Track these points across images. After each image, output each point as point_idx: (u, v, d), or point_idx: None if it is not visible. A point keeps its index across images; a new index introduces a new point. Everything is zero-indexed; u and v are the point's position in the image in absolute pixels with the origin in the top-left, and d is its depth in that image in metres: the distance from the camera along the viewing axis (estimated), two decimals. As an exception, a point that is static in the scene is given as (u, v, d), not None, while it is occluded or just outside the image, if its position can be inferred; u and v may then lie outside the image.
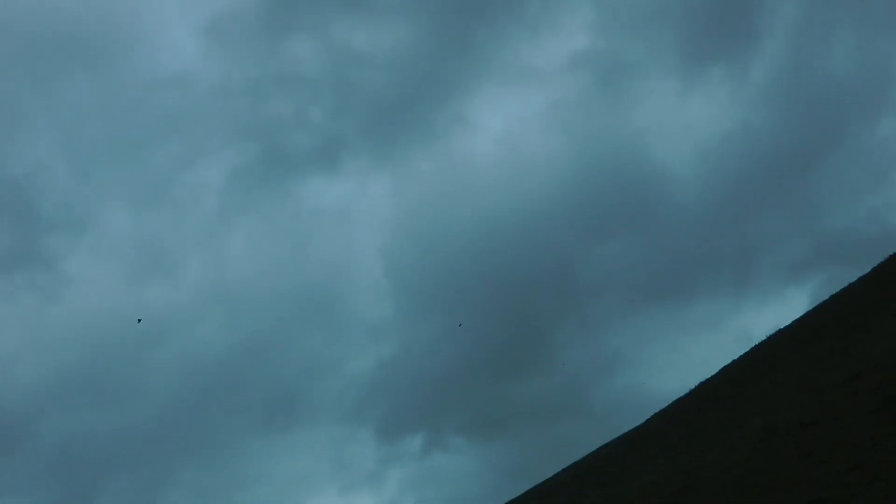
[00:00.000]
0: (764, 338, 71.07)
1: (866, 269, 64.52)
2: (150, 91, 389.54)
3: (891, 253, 63.66)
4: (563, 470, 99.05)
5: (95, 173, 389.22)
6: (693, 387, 78.49)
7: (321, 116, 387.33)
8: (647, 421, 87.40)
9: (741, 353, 73.20)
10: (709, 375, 76.54)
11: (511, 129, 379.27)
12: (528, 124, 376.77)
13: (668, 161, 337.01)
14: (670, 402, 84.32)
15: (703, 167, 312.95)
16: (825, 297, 68.97)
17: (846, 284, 65.38)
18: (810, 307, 70.75)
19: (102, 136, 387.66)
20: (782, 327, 69.60)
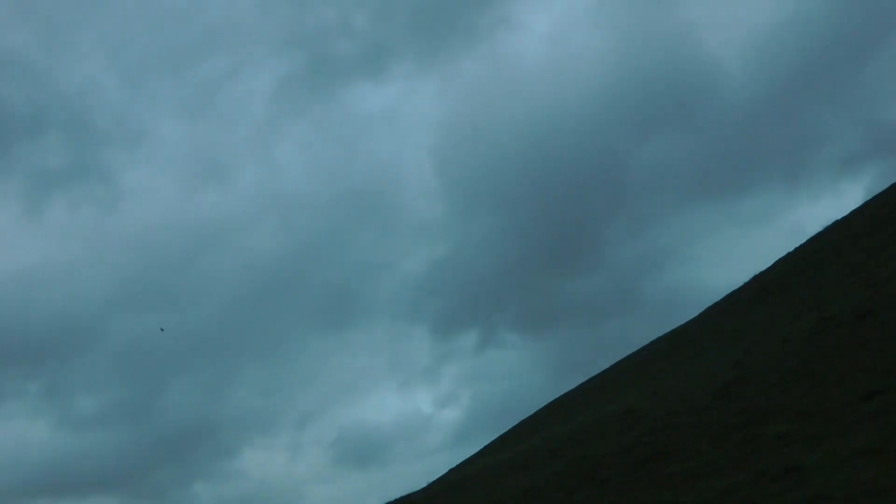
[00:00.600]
0: (818, 231, 70.83)
1: (923, 161, 64.09)
2: (195, 2, 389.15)
3: (948, 144, 63.21)
4: (615, 365, 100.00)
5: (146, 86, 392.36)
6: (746, 280, 78.55)
7: (365, 22, 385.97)
8: (699, 315, 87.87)
9: (795, 247, 73.02)
10: (762, 269, 76.47)
11: (557, 27, 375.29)
12: (574, 21, 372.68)
13: (718, 54, 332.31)
14: (722, 296, 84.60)
15: (754, 59, 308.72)
16: (880, 189, 68.58)
17: (902, 176, 64.88)
18: (865, 200, 70.42)
19: (151, 49, 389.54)
20: (837, 220, 69.32)
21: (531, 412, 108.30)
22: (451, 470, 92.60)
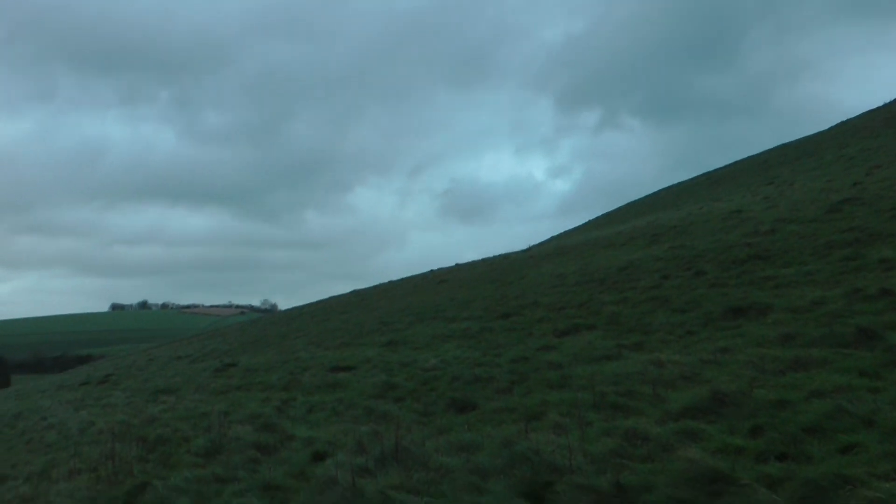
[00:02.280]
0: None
1: None
2: None
3: None
4: (731, 164, 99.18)
5: None
6: (883, 103, 76.85)
7: None
8: (828, 130, 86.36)
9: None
10: (901, 96, 74.53)
11: None
12: None
13: None
14: (855, 115, 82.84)
15: None
16: None
17: None
18: None
19: None
20: None
21: (639, 196, 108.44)
22: (552, 237, 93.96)
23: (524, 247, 65.12)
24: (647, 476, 11.27)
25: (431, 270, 68.29)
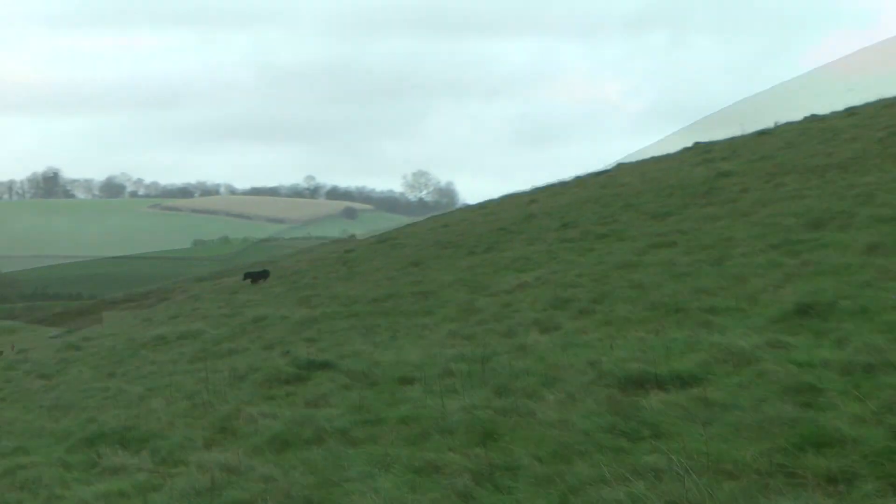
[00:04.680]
0: None
1: None
2: None
3: None
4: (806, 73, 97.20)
5: None
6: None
7: None
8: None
9: None
10: None
11: None
12: None
13: None
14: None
15: None
16: None
17: None
18: None
19: None
20: None
21: (713, 111, 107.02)
22: (634, 152, 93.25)
23: (604, 167, 64.52)
24: (734, 390, 11.36)
25: (523, 191, 67.76)
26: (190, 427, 15.62)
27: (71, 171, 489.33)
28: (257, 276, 45.15)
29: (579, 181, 59.29)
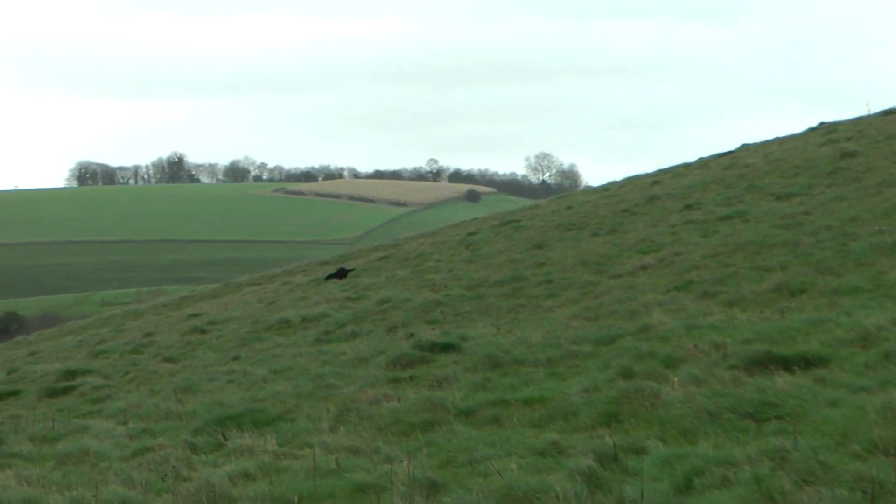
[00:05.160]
0: None
1: None
2: None
3: None
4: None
5: None
6: None
7: None
8: None
9: None
10: None
11: None
12: None
13: None
14: None
15: None
16: None
17: None
18: None
19: None
20: None
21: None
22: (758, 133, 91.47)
23: (728, 148, 63.45)
24: (860, 370, 11.18)
25: (646, 173, 66.89)
26: (314, 409, 15.89)
27: (195, 155, 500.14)
28: (339, 275, 44.63)
29: (702, 162, 58.59)
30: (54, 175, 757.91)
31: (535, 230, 43.64)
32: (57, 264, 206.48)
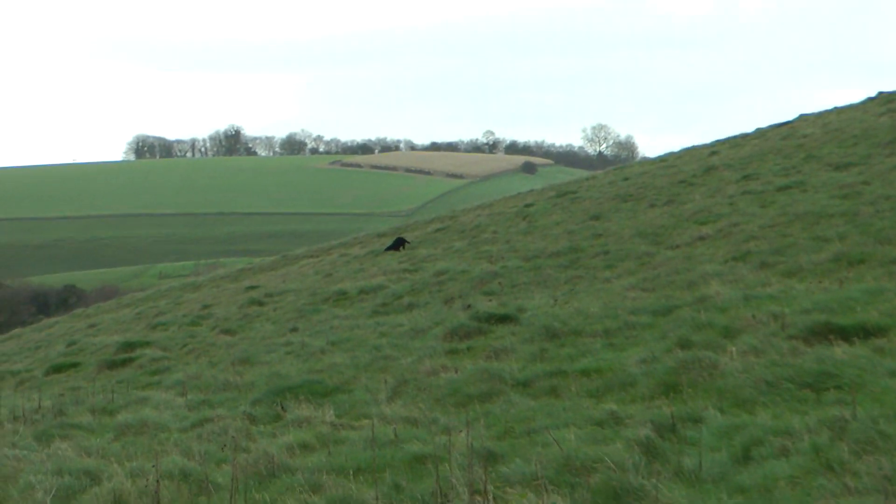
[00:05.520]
0: None
1: None
2: None
3: None
4: None
5: None
6: None
7: None
8: None
9: None
10: None
11: None
12: None
13: None
14: None
15: None
16: None
17: None
18: None
19: None
20: None
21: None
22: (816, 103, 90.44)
23: (786, 118, 62.97)
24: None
25: (703, 144, 66.45)
26: (372, 380, 16.03)
27: (252, 128, 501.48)
28: (396, 245, 44.45)
29: (760, 133, 58.18)
30: (112, 148, 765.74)
31: (591, 201, 43.53)
32: (115, 237, 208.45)
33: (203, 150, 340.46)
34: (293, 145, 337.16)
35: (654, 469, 8.81)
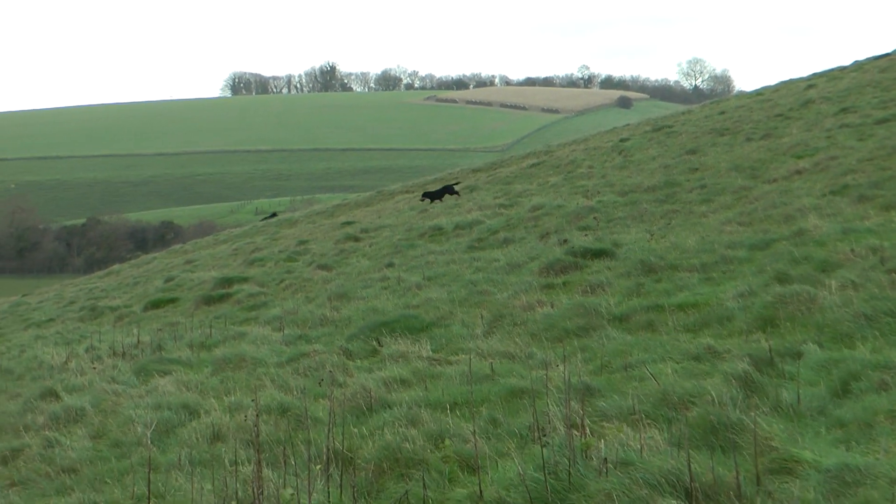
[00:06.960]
0: None
1: None
2: None
3: None
4: None
5: None
6: None
7: None
8: None
9: None
10: None
11: None
12: None
13: None
14: None
15: None
16: None
17: None
18: None
19: None
20: None
21: None
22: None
23: (885, 51, 61.46)
24: None
25: (800, 77, 65.42)
26: (468, 315, 16.14)
27: (347, 64, 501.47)
28: (438, 195, 43.87)
29: (858, 66, 56.87)
30: (209, 85, 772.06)
31: (687, 136, 43.05)
32: (211, 174, 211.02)
33: (298, 86, 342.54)
34: (388, 81, 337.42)
35: (752, 403, 8.82)
